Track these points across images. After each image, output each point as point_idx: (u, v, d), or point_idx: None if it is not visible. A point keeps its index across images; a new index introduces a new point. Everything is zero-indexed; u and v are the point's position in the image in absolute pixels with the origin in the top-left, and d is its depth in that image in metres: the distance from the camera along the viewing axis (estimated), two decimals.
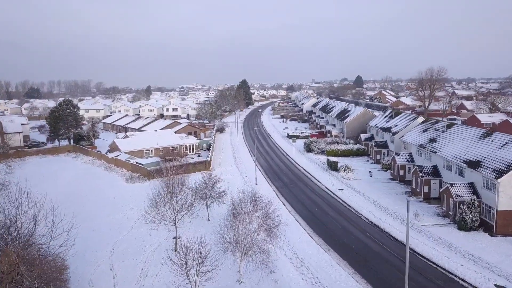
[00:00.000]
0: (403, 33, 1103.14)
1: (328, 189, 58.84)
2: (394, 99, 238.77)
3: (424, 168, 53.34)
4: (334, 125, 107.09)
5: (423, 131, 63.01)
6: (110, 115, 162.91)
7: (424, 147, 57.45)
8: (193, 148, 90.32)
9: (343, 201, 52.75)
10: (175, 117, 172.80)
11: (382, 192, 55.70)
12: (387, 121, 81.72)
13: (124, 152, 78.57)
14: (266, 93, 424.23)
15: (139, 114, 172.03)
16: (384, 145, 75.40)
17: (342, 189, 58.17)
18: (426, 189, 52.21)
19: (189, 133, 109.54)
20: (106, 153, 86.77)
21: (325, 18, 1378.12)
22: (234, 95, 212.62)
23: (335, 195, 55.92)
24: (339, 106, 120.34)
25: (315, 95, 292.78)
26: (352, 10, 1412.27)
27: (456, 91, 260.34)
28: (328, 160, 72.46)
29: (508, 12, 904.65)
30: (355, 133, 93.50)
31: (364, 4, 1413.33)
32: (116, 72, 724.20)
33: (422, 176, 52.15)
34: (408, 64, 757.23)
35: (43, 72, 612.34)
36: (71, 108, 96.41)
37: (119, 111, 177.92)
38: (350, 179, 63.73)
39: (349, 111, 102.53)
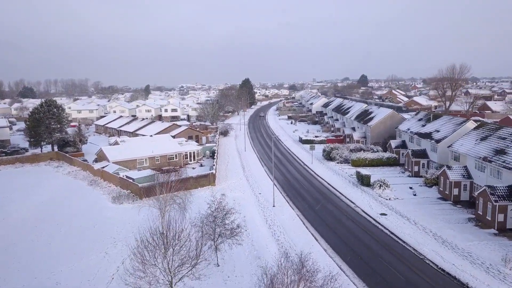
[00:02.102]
0: (403, 32, 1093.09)
1: (367, 214, 46.44)
2: (405, 98, 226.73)
3: (497, 189, 40.97)
4: (353, 129, 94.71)
5: (481, 140, 50.63)
6: (104, 116, 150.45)
7: (489, 161, 45.09)
8: (194, 156, 77.94)
9: (392, 233, 40.34)
10: (174, 118, 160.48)
11: (438, 220, 43.32)
12: (423, 125, 69.35)
13: (113, 162, 66.16)
14: (268, 92, 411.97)
15: (135, 115, 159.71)
16: (423, 154, 63.03)
17: (385, 214, 45.78)
18: (500, 217, 39.90)
19: (189, 137, 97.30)
20: (93, 162, 74.40)
21: (324, 18, 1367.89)
22: (237, 95, 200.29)
23: (378, 222, 43.52)
24: (357, 106, 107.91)
25: (320, 94, 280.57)
26: (352, 10, 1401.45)
27: (469, 90, 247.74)
28: (358, 173, 60.06)
29: (507, 12, 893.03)
30: (381, 138, 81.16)
31: (363, 4, 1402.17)
32: (115, 71, 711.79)
33: (496, 201, 39.81)
34: (408, 63, 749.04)
35: (42, 72, 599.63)
36: (54, 109, 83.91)
37: (114, 111, 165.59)
38: (389, 199, 51.40)
39: (372, 112, 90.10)
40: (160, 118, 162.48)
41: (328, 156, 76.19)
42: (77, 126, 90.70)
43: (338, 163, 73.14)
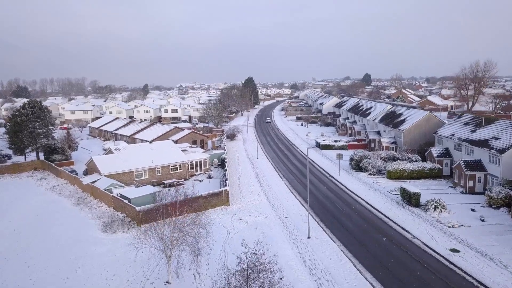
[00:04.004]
0: (401, 32, 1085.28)
1: (432, 249, 35.71)
2: (416, 98, 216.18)
3: None
4: (378, 133, 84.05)
5: None
6: (100, 117, 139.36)
7: None
8: (201, 166, 67.20)
9: (481, 284, 29.61)
10: (174, 119, 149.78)
11: None
12: (472, 131, 58.76)
13: (105, 176, 55.36)
14: (270, 92, 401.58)
15: (133, 116, 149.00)
16: (478, 166, 52.41)
17: (457, 251, 35.10)
18: None
19: (193, 142, 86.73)
20: (84, 174, 63.65)
21: (322, 18, 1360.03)
22: (240, 94, 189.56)
23: (453, 264, 32.77)
24: (378, 107, 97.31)
25: (324, 93, 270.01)
26: (351, 9, 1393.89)
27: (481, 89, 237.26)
28: (403, 190, 49.28)
29: (506, 11, 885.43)
30: (415, 144, 70.56)
31: (363, 3, 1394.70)
32: (113, 70, 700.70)
33: None
34: (406, 63, 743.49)
35: (38, 71, 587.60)
36: (39, 111, 72.95)
37: (110, 112, 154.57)
38: (452, 226, 40.74)
39: (401, 114, 79.48)
40: (159, 119, 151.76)
41: (357, 166, 65.55)
42: (67, 130, 79.74)
43: (369, 174, 62.48)
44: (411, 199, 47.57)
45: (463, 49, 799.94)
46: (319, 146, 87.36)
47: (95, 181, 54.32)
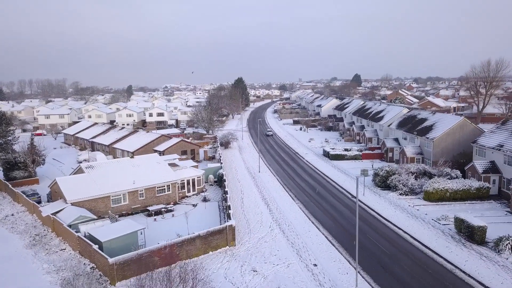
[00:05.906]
0: (388, 33, 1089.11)
1: None
2: (415, 99, 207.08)
3: None
4: (396, 140, 73.16)
5: None
6: (78, 122, 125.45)
7: None
8: (193, 185, 55.04)
9: None
10: (160, 124, 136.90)
11: None
12: None
13: (72, 204, 42.81)
14: (259, 92, 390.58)
15: (114, 121, 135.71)
16: None
17: None
18: None
19: (183, 152, 74.55)
20: (48, 198, 50.97)
21: (307, 18, 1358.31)
22: (230, 96, 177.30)
23: None
24: (392, 111, 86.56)
25: (316, 94, 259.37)
26: (339, 9, 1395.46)
27: (480, 90, 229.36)
28: (461, 222, 37.95)
29: (507, 10, 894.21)
30: (448, 156, 59.72)
31: (351, 4, 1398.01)
32: (96, 71, 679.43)
33: None
34: (390, 64, 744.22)
35: (18, 72, 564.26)
36: None
37: (89, 116, 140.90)
38: None
39: (425, 119, 68.66)
40: (143, 124, 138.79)
41: (383, 183, 54.39)
42: (30, 139, 66.38)
43: (401, 194, 51.23)
44: (473, 235, 36.43)
45: (451, 50, 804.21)
46: (329, 155, 75.98)
47: (58, 212, 41.77)
